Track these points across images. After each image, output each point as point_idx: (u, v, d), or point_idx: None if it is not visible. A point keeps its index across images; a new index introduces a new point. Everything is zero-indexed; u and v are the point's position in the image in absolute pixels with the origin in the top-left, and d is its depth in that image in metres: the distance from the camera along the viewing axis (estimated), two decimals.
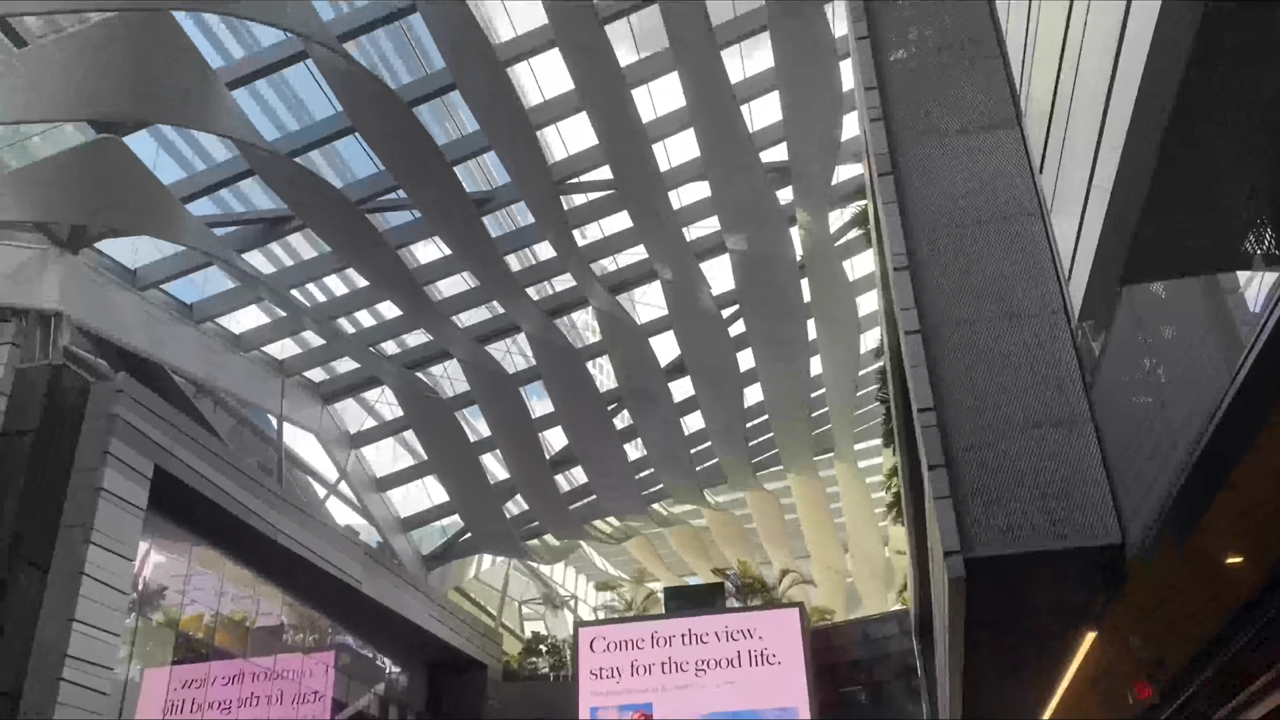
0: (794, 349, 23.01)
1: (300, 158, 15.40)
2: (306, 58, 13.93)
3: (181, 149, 16.60)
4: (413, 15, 14.44)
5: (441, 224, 17.09)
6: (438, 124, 19.01)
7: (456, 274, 19.79)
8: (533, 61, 16.20)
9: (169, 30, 11.80)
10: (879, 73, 9.81)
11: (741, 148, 17.44)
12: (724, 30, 16.28)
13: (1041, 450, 8.05)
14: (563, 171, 18.04)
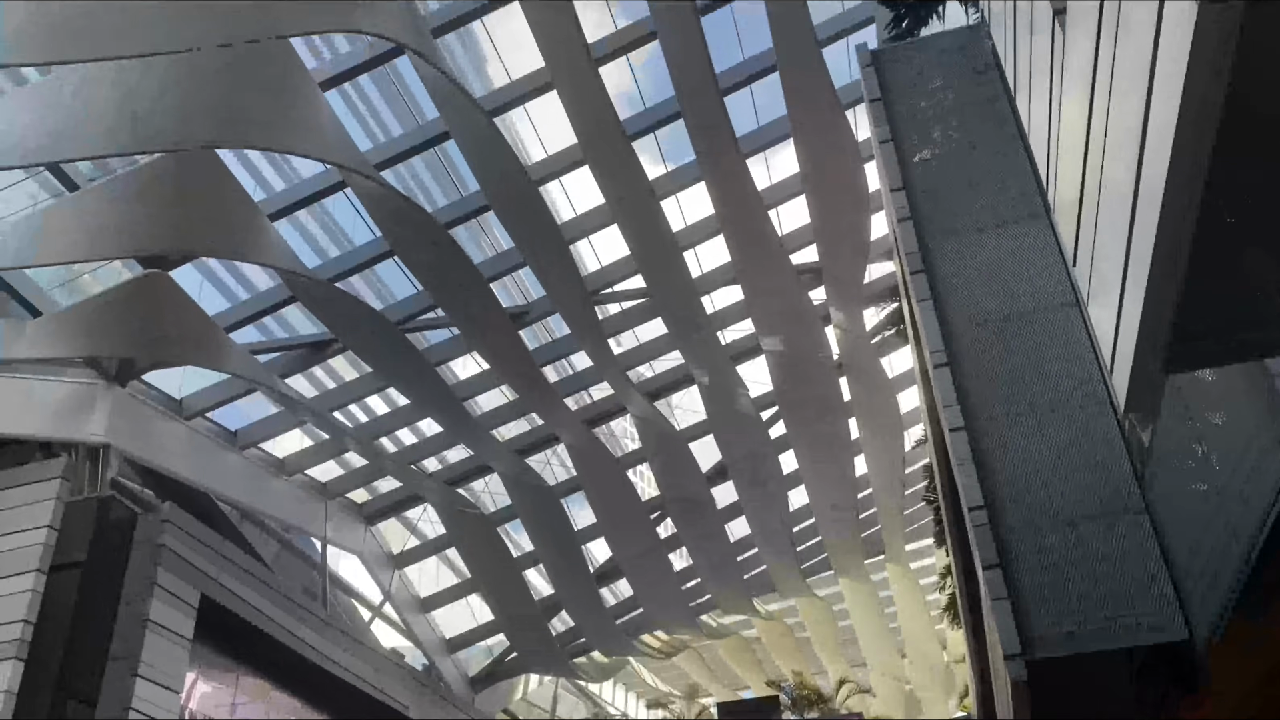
0: (837, 449, 22.79)
1: (341, 283, 15.75)
2: (345, 187, 14.35)
3: (225, 279, 17.05)
4: (447, 141, 14.89)
5: (479, 340, 17.29)
6: (474, 243, 19.43)
7: (495, 388, 19.93)
8: (564, 179, 16.59)
9: (213, 167, 12.23)
10: (905, 174, 9.92)
11: (772, 251, 17.61)
12: (748, 140, 16.62)
13: (1098, 544, 7.83)
14: (597, 282, 18.28)
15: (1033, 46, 6.46)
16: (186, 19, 9.69)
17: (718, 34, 14.92)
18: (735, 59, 16.05)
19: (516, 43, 14.58)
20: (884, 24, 14.00)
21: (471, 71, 24.99)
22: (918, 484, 25.23)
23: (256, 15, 10.00)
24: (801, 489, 24.43)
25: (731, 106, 15.37)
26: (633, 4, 14.34)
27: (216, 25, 9.66)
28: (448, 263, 14.76)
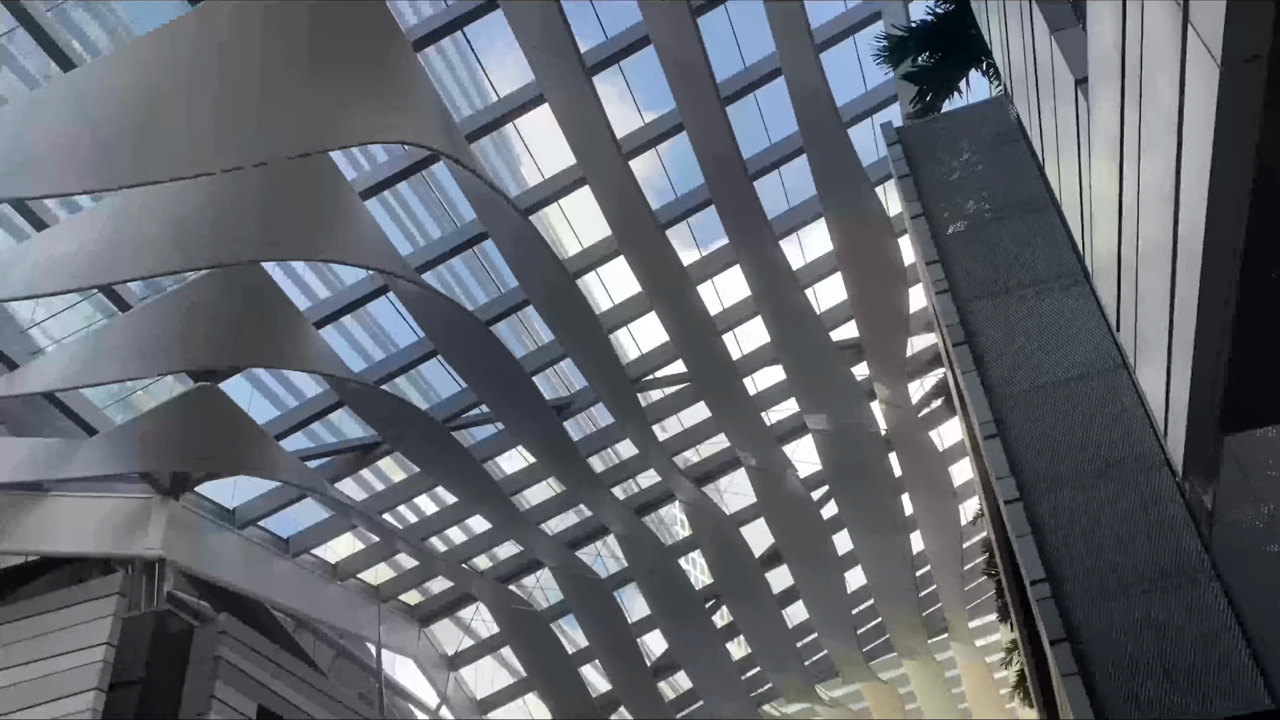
0: (891, 526, 22.39)
1: (387, 384, 15.94)
2: (388, 290, 14.63)
3: (274, 387, 17.33)
4: (485, 241, 15.16)
5: (524, 433, 17.35)
6: (515, 338, 19.66)
7: (542, 481, 19.91)
8: (600, 270, 16.78)
9: (259, 279, 12.55)
10: (939, 246, 9.94)
11: (811, 329, 17.61)
12: (780, 221, 16.77)
13: (1168, 612, 7.58)
14: (638, 369, 18.35)
15: (1057, 115, 6.51)
16: (228, 139, 10.05)
17: (743, 119, 15.19)
18: (762, 143, 16.31)
19: (548, 141, 14.93)
20: (908, 100, 14.18)
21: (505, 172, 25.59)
22: (977, 558, 24.65)
23: (296, 131, 10.35)
24: (858, 569, 23.96)
25: (761, 189, 15.58)
26: (659, 95, 14.67)
27: (258, 143, 10.01)
28: (490, 359, 14.91)
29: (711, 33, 13.48)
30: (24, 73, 29.89)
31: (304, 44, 10.40)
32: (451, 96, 34.10)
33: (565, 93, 13.08)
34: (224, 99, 10.19)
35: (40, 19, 11.17)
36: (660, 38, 13.28)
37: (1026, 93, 7.52)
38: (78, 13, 29.73)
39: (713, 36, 13.39)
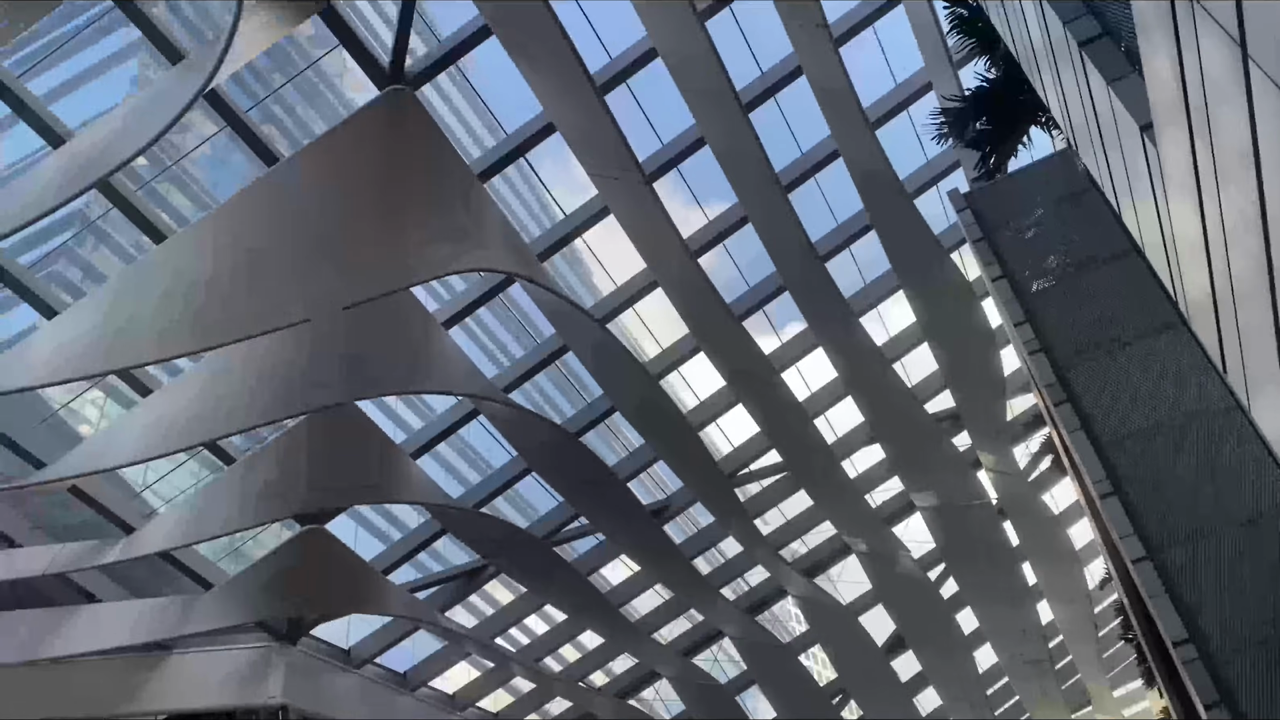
0: (1015, 597, 21.50)
1: (485, 507, 16.05)
2: (478, 414, 14.84)
3: (377, 523, 17.60)
4: (566, 354, 15.35)
5: (625, 542, 17.23)
6: (605, 446, 19.70)
7: (649, 589, 19.66)
8: (682, 369, 16.81)
9: (355, 418, 12.86)
10: (1025, 305, 9.74)
11: (905, 404, 17.29)
12: (858, 299, 16.66)
13: None
14: (732, 464, 18.17)
15: (1126, 162, 6.39)
16: (313, 288, 10.44)
17: (806, 202, 15.24)
18: (828, 223, 16.33)
19: (616, 250, 15.18)
20: (971, 165, 14.10)
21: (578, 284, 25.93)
22: (1111, 622, 23.46)
23: (377, 272, 10.71)
24: (987, 647, 22.98)
25: (834, 269, 15.54)
26: (719, 188, 14.81)
27: (342, 288, 10.36)
28: (584, 471, 14.93)
29: (764, 123, 13.67)
30: (119, 249, 31.67)
31: (377, 189, 10.83)
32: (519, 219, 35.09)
33: (627, 202, 13.32)
34: (306, 251, 10.62)
35: (129, 196, 11.85)
36: (714, 137, 13.50)
37: (1091, 144, 7.42)
38: (163, 185, 31.50)
39: (766, 126, 13.57)
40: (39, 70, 32.67)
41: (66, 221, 29.69)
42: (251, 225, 10.59)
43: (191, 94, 8.84)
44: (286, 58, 32.96)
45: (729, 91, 12.33)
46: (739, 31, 14.05)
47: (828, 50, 12.65)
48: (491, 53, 11.88)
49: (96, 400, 25.39)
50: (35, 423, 15.63)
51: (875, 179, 14.47)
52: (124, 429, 11.95)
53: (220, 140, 15.91)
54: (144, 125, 9.26)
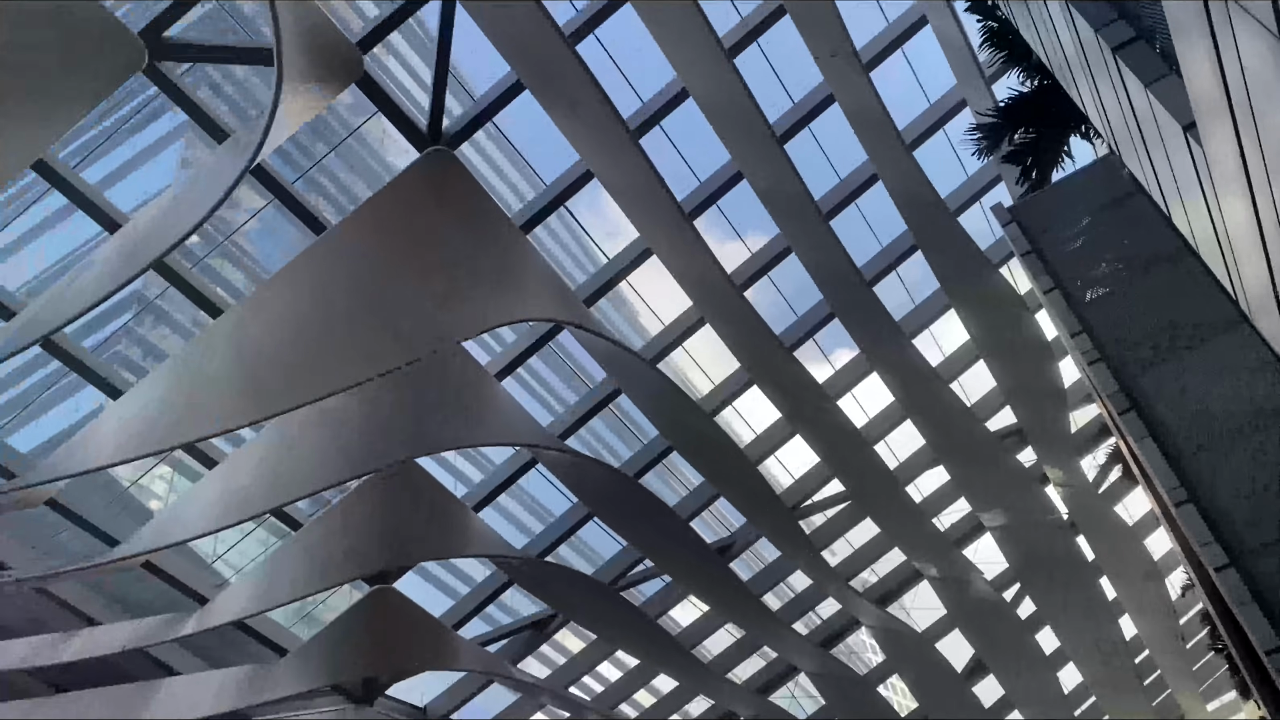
0: (1095, 612, 20.94)
1: (550, 556, 16.06)
2: (536, 463, 14.89)
3: (443, 577, 17.68)
4: (619, 397, 15.38)
5: (692, 582, 17.10)
6: (665, 486, 19.65)
7: (720, 628, 19.47)
8: (736, 404, 16.75)
9: (415, 475, 12.98)
10: (1080, 316, 9.59)
11: (966, 424, 17.04)
12: (909, 321, 16.53)
13: None
14: (794, 496, 18.01)
15: (1172, 164, 6.30)
16: (366, 351, 10.60)
17: (849, 228, 15.19)
18: (872, 246, 16.26)
19: (662, 289, 15.23)
20: (1013, 179, 13.97)
21: (626, 327, 25.97)
22: (1199, 633, 22.76)
23: (428, 330, 10.85)
24: (1070, 667, 22.38)
25: (882, 293, 15.44)
26: (759, 219, 14.84)
27: (397, 348, 10.52)
28: (645, 513, 14.89)
29: (800, 152, 13.69)
30: (178, 326, 32.40)
31: (424, 249, 11.01)
32: (563, 266, 35.39)
33: (669, 241, 13.38)
34: (357, 314, 10.80)
35: (185, 274, 12.16)
36: (751, 170, 13.54)
37: (1134, 148, 7.32)
38: (216, 260, 32.27)
39: (802, 155, 13.58)
40: (92, 159, 33.83)
41: (125, 303, 30.52)
42: (303, 293, 10.81)
43: (238, 171, 9.07)
44: (327, 127, 33.74)
45: (762, 125, 12.38)
46: (767, 64, 14.15)
47: (858, 76, 12.66)
48: (526, 105, 12.09)
49: (164, 475, 25.92)
50: (107, 501, 15.99)
51: (917, 199, 14.39)
52: (192, 502, 12.17)
53: (268, 213, 16.31)
54: (194, 205, 9.52)
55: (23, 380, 31.17)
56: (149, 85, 10.50)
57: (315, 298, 10.85)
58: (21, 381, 31.25)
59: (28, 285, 32.86)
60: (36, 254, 35.70)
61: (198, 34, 10.82)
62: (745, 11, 13.28)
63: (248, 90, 35.70)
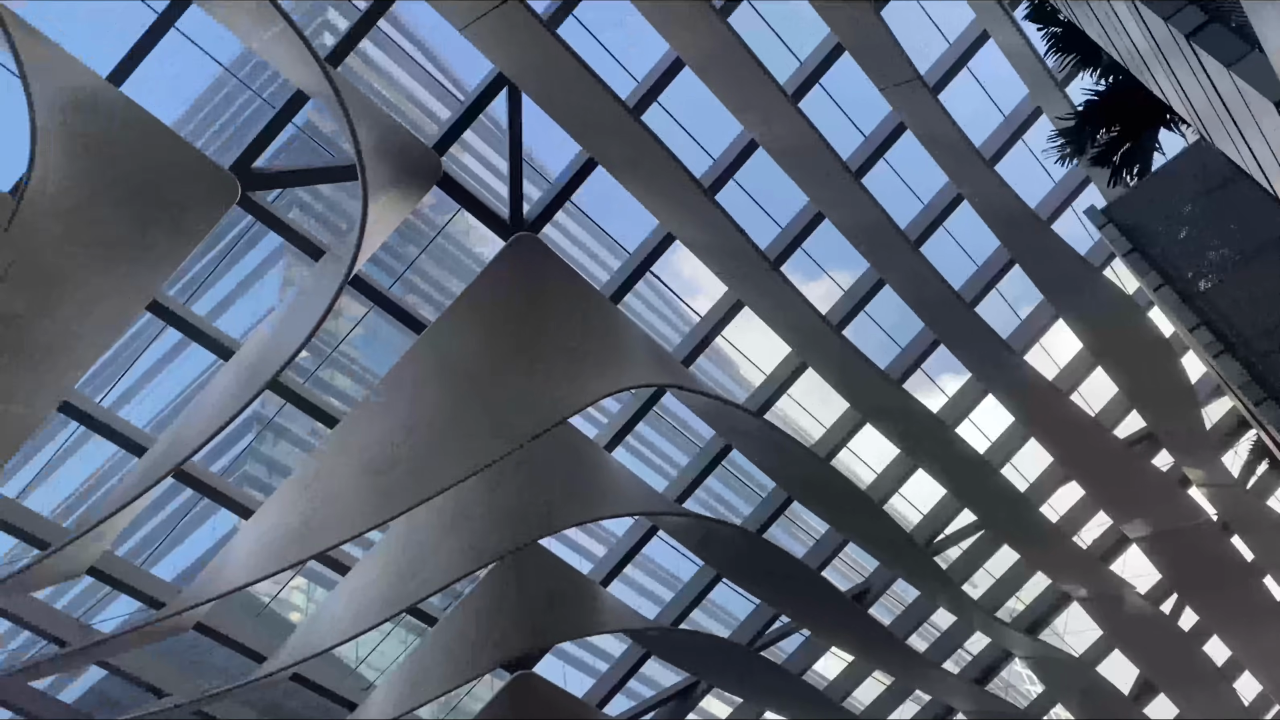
0: (1263, 616, 19.72)
1: (684, 622, 15.91)
2: (657, 530, 14.85)
3: (581, 656, 17.66)
4: (730, 453, 15.27)
5: (832, 633, 16.74)
6: (790, 538, 19.37)
7: (867, 677, 18.93)
8: (851, 445, 16.45)
9: (540, 557, 13.09)
10: (1194, 309, 9.21)
11: (1092, 434, 16.43)
12: (1017, 337, 16.09)
13: None
14: (925, 532, 17.53)
15: (1270, 142, 6.05)
16: (478, 441, 10.82)
17: (940, 251, 14.94)
18: (967, 267, 15.96)
19: (759, 339, 15.17)
20: (1104, 181, 13.58)
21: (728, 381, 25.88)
22: None
23: (536, 410, 11.01)
24: (1247, 676, 21.07)
25: (985, 312, 15.10)
26: (845, 255, 14.71)
27: (506, 434, 10.70)
28: (773, 568, 14.69)
29: (879, 185, 13.58)
30: (298, 439, 33.47)
31: (520, 332, 11.24)
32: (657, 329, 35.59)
33: (758, 291, 13.35)
34: (464, 405, 11.05)
35: (298, 389, 12.60)
36: (832, 210, 13.48)
37: (1226, 132, 7.06)
38: (326, 372, 33.36)
39: (881, 187, 13.47)
40: (200, 292, 35.50)
41: (246, 424, 31.76)
42: (410, 393, 11.12)
43: (336, 285, 9.42)
44: (414, 228, 34.86)
45: (836, 163, 12.35)
46: (833, 103, 14.15)
47: (928, 101, 12.58)
48: (600, 178, 12.30)
49: (301, 587, 26.63)
50: (251, 618, 16.47)
51: (1007, 214, 14.12)
52: (330, 610, 12.46)
53: (370, 318, 16.86)
54: (300, 322, 9.90)
55: (159, 511, 32.57)
56: (244, 215, 11.02)
57: (422, 396, 11.13)
58: (159, 512, 32.65)
59: (155, 419, 34.52)
60: (159, 389, 37.56)
61: (284, 160, 11.36)
62: (803, 56, 13.35)
63: (336, 205, 37.21)
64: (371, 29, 10.87)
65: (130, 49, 9.91)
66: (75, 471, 37.78)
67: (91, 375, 11.23)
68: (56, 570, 10.73)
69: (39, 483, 36.88)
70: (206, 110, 45.48)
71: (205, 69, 63.37)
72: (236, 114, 43.36)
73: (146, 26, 9.93)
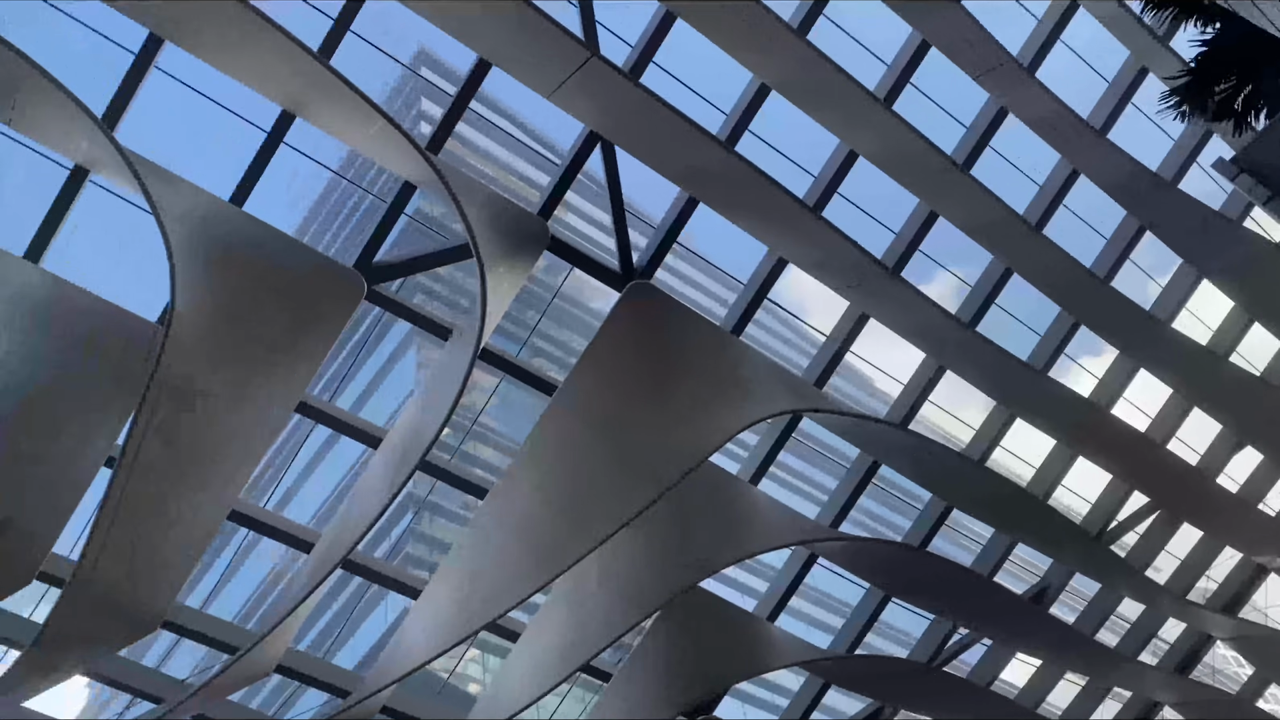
0: None
1: (858, 648, 15.56)
2: (817, 558, 14.61)
3: (758, 694, 17.41)
4: (879, 470, 14.94)
5: (1014, 638, 16.12)
6: (955, 546, 18.78)
7: (1059, 679, 18.10)
8: (1005, 443, 15.88)
9: (704, 600, 13.04)
10: None
11: (1259, 393, 15.57)
12: (1161, 305, 15.35)
13: None
14: (1097, 521, 16.73)
15: None
16: (626, 489, 10.92)
17: (1065, 231, 14.41)
18: (1095, 243, 15.32)
19: (890, 349, 14.86)
20: (1229, 133, 12.89)
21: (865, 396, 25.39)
22: None
23: (676, 454, 11.06)
24: None
25: (1122, 285, 14.51)
26: (958, 249, 14.33)
27: (650, 480, 10.77)
28: (942, 580, 14.29)
29: (988, 174, 13.22)
30: (452, 514, 34.26)
31: (649, 379, 11.34)
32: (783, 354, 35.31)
33: (882, 300, 13.13)
34: (605, 458, 11.18)
35: (446, 466, 12.92)
36: (946, 208, 13.20)
37: None
38: (469, 445, 34.15)
39: (992, 176, 13.11)
40: (342, 387, 36.94)
41: (403, 507, 32.77)
42: (552, 453, 11.32)
43: (467, 362, 9.69)
44: (530, 293, 35.59)
45: (941, 160, 12.13)
46: (926, 101, 13.88)
47: (1027, 82, 12.25)
48: (704, 215, 12.34)
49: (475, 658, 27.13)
50: (432, 696, 16.83)
51: (1128, 182, 13.60)
52: (507, 677, 12.67)
53: (502, 387, 17.24)
54: (438, 402, 10.20)
55: (334, 602, 33.80)
56: (373, 307, 11.45)
57: (563, 455, 11.32)
58: (333, 604, 33.87)
59: (317, 515, 35.96)
60: (316, 485, 39.15)
61: (401, 249, 11.79)
62: (888, 59, 13.16)
63: (455, 283, 38.35)
64: (464, 111, 11.23)
65: (246, 169, 10.50)
66: (251, 575, 39.64)
67: (252, 481, 11.77)
68: (247, 672, 11.20)
69: (219, 590, 38.82)
70: (323, 213, 47.69)
71: (317, 175, 66.62)
72: (351, 212, 45.32)
73: (258, 145, 10.50)
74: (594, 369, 11.28)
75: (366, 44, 10.94)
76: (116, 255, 38.18)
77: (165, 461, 9.61)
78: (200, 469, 10.02)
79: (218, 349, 9.58)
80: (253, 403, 10.06)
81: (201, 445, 9.91)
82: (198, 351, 9.29)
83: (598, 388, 11.31)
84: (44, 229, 10.07)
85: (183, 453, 9.75)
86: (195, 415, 9.63)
